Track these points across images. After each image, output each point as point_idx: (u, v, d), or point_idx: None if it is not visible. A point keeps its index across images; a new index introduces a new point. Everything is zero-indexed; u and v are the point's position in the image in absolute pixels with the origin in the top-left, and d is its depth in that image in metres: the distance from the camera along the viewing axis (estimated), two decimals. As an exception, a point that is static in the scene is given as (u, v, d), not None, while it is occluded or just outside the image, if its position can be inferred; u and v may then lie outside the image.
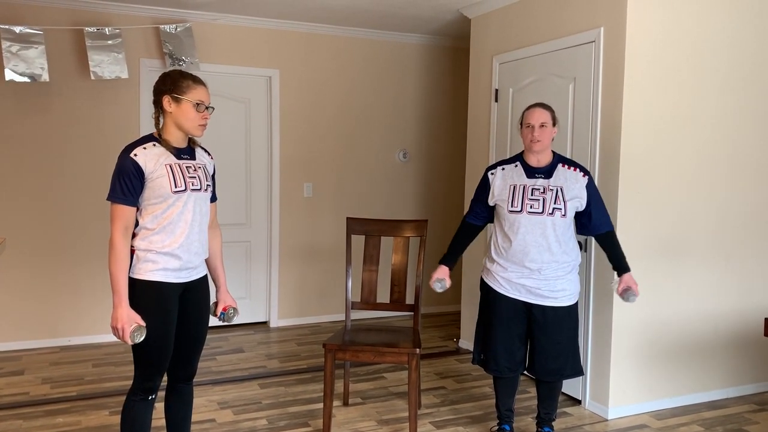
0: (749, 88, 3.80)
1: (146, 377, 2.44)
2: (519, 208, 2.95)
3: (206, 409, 3.62)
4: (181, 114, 2.39)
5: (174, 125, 2.42)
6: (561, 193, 2.94)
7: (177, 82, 2.40)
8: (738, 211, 3.84)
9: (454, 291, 6.04)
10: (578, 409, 3.69)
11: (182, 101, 2.39)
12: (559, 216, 2.92)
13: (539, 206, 2.93)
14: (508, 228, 2.99)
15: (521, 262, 2.97)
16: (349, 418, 3.54)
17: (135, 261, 2.37)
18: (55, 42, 4.60)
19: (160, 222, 2.37)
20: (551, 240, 2.94)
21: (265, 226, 5.40)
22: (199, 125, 2.43)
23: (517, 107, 4.24)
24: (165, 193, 2.36)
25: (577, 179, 2.98)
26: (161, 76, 2.44)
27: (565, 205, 2.93)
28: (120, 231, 2.31)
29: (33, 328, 4.71)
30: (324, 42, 5.41)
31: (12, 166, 4.59)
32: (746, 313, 3.93)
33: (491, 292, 3.08)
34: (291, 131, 5.36)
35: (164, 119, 2.43)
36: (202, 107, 2.41)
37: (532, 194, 2.95)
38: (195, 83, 2.42)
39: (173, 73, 2.44)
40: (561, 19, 3.88)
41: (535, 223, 2.93)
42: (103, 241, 4.82)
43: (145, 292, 2.38)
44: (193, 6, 4.75)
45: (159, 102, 2.41)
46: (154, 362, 2.43)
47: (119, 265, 2.30)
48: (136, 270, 2.37)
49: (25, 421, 3.43)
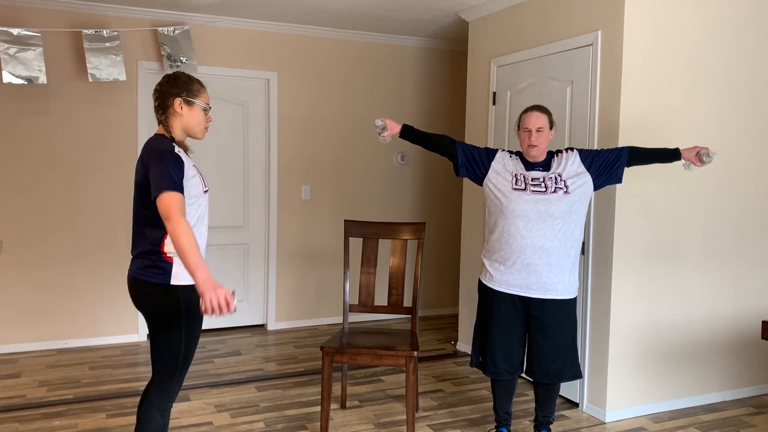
0: (747, 92, 3.81)
1: (178, 384, 2.41)
2: (523, 186, 2.96)
3: (203, 412, 3.61)
4: (192, 117, 2.39)
5: (181, 128, 2.40)
6: (560, 177, 2.97)
7: (189, 86, 2.39)
8: (735, 214, 3.85)
9: (452, 294, 6.04)
10: (576, 412, 3.69)
11: (194, 105, 2.39)
12: (561, 194, 2.93)
13: (542, 187, 2.95)
14: (507, 210, 2.97)
15: (522, 249, 2.95)
16: (346, 421, 3.54)
17: (175, 267, 2.30)
18: (53, 44, 4.59)
19: (193, 222, 2.35)
20: (552, 223, 2.92)
21: (263, 229, 5.40)
22: (205, 128, 2.44)
23: (514, 110, 4.25)
24: (198, 193, 2.35)
25: (569, 158, 3.02)
26: (169, 79, 2.40)
27: (567, 185, 2.94)
28: (183, 214, 2.14)
29: (29, 331, 4.70)
30: (322, 45, 5.41)
31: (9, 168, 4.58)
32: (743, 316, 3.94)
33: (489, 294, 3.08)
34: (289, 134, 5.36)
35: (171, 122, 2.39)
36: (208, 110, 2.43)
37: (533, 182, 2.98)
38: (203, 86, 2.44)
39: (182, 75, 2.41)
40: (559, 23, 3.89)
41: (537, 201, 2.92)
42: (100, 243, 4.81)
43: (191, 297, 2.33)
44: (192, 8, 4.75)
45: (169, 105, 2.37)
46: (188, 367, 2.41)
47: (194, 241, 2.09)
48: (176, 276, 2.30)
49: (22, 424, 3.42)
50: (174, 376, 2.39)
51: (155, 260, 2.31)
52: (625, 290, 3.56)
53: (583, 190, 2.97)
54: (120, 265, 4.86)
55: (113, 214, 4.85)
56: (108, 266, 4.85)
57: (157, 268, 2.30)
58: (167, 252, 2.31)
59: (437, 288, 6.02)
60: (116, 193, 4.85)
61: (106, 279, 4.86)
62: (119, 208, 4.86)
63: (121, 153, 4.85)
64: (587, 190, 2.98)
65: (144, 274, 2.32)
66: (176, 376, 2.40)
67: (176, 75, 2.41)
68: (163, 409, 2.42)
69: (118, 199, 4.85)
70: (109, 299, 4.88)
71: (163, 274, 2.30)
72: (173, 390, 2.42)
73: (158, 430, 2.41)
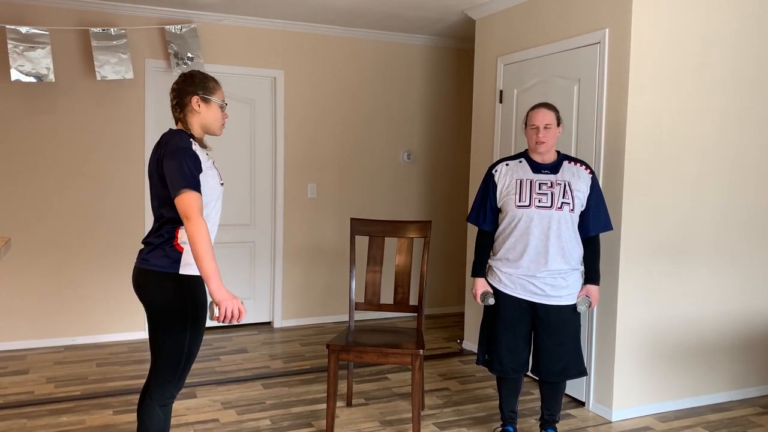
0: (754, 90, 3.79)
1: (181, 380, 2.40)
2: (527, 202, 2.93)
3: (210, 409, 3.62)
4: (210, 114, 2.42)
5: (199, 125, 2.42)
6: (569, 187, 2.94)
7: (205, 83, 2.41)
8: (743, 213, 3.83)
9: (458, 292, 6.04)
10: (582, 411, 3.68)
11: (211, 102, 2.41)
12: (567, 211, 2.92)
13: (548, 200, 2.92)
14: (514, 224, 2.98)
15: (526, 260, 2.96)
16: (352, 418, 3.54)
17: (185, 257, 2.31)
18: (60, 42, 4.61)
19: (207, 213, 2.36)
20: (557, 237, 2.93)
21: (269, 227, 5.40)
22: (222, 124, 2.47)
23: (521, 108, 4.24)
24: (215, 186, 2.38)
25: (581, 176, 2.99)
26: (185, 77, 2.42)
27: (573, 200, 2.93)
28: (201, 214, 2.20)
29: (37, 328, 4.72)
30: (329, 43, 5.41)
31: (17, 166, 4.60)
32: (751, 315, 3.92)
33: (495, 293, 3.08)
34: (295, 132, 5.36)
35: (189, 119, 2.41)
36: (224, 107, 2.46)
37: (540, 188, 2.94)
38: (218, 84, 2.46)
39: (197, 74, 2.44)
40: (566, 21, 3.88)
41: (542, 218, 2.92)
42: (108, 241, 4.83)
43: (200, 288, 2.36)
44: (199, 7, 4.76)
45: (187, 103, 2.39)
46: (191, 363, 2.40)
47: (210, 246, 2.18)
48: (185, 265, 2.32)
49: (29, 420, 3.44)
50: (177, 373, 2.38)
51: (166, 249, 2.32)
52: (632, 289, 3.55)
53: (582, 202, 2.99)
54: (128, 262, 4.88)
55: (121, 211, 4.87)
56: (116, 263, 4.87)
57: (168, 257, 2.31)
58: (180, 242, 2.32)
59: (443, 286, 6.02)
60: (124, 191, 4.87)
61: (114, 276, 4.88)
62: (127, 205, 4.88)
63: (129, 151, 4.86)
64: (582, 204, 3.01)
65: (152, 264, 2.32)
66: (179, 374, 2.38)
67: (192, 73, 2.44)
68: (163, 405, 2.40)
69: (125, 196, 4.87)
70: (117, 296, 4.90)
71: (173, 262, 2.31)
72: (175, 387, 2.40)
73: (160, 427, 2.40)
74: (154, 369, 2.41)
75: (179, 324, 2.33)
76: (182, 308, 2.32)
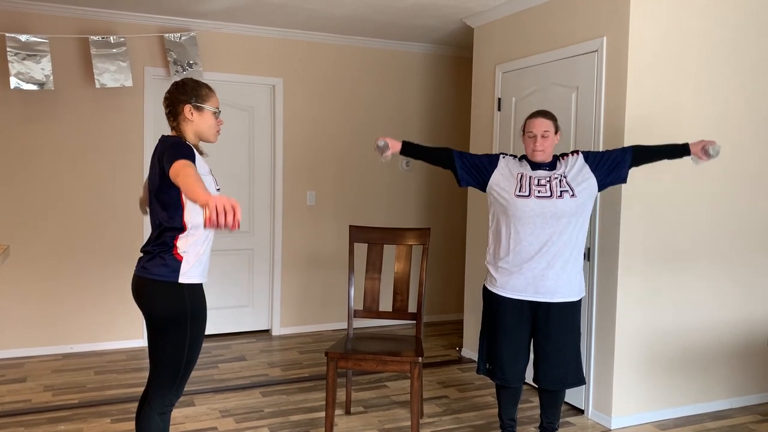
0: (752, 97, 3.80)
1: (180, 389, 2.39)
2: (527, 193, 2.95)
3: (208, 418, 3.61)
4: (203, 122, 2.42)
5: (193, 133, 2.42)
6: (565, 179, 2.97)
7: (197, 91, 2.41)
8: (741, 220, 3.84)
9: (457, 299, 6.04)
10: (581, 419, 3.68)
11: (204, 109, 2.41)
12: (568, 198, 2.92)
13: (546, 191, 2.94)
14: (513, 217, 2.97)
15: (527, 254, 2.96)
16: (350, 426, 3.53)
17: (185, 266, 2.32)
18: (60, 50, 4.63)
19: (203, 220, 2.34)
20: (557, 226, 2.92)
21: (268, 234, 5.40)
22: (217, 131, 2.47)
23: (519, 116, 4.25)
24: (211, 191, 2.37)
25: (575, 161, 3.02)
26: (177, 86, 2.42)
27: (572, 187, 2.94)
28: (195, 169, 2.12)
29: (35, 336, 4.71)
30: (328, 51, 5.43)
31: (16, 174, 4.61)
32: (750, 322, 3.92)
33: (495, 300, 3.07)
34: (294, 139, 5.37)
35: (182, 128, 2.42)
36: (218, 114, 2.45)
37: (539, 183, 2.97)
38: (211, 91, 2.45)
39: (189, 81, 2.43)
40: (564, 29, 3.89)
41: (543, 207, 2.92)
42: (107, 248, 4.83)
43: (199, 297, 2.36)
44: (198, 15, 4.77)
45: (179, 112, 2.40)
46: (190, 371, 2.40)
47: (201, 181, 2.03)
48: (184, 274, 2.32)
49: (27, 428, 3.42)
50: (176, 381, 2.37)
51: (166, 258, 2.31)
52: (631, 296, 3.55)
53: (589, 193, 2.97)
54: (126, 270, 4.88)
55: (120, 219, 4.87)
56: (114, 271, 4.87)
57: (167, 266, 2.31)
58: (179, 251, 2.32)
59: (442, 294, 6.02)
60: (123, 199, 4.87)
61: (112, 284, 4.87)
62: (126, 213, 4.88)
63: (128, 159, 4.87)
64: (592, 192, 2.99)
65: (151, 272, 2.32)
66: (178, 382, 2.37)
67: (184, 81, 2.43)
68: (162, 413, 2.39)
69: (124, 204, 4.87)
70: (115, 304, 4.89)
71: (172, 271, 2.31)
72: (174, 395, 2.40)
73: None
74: (153, 377, 2.40)
75: (178, 332, 2.32)
76: (181, 317, 2.31)
